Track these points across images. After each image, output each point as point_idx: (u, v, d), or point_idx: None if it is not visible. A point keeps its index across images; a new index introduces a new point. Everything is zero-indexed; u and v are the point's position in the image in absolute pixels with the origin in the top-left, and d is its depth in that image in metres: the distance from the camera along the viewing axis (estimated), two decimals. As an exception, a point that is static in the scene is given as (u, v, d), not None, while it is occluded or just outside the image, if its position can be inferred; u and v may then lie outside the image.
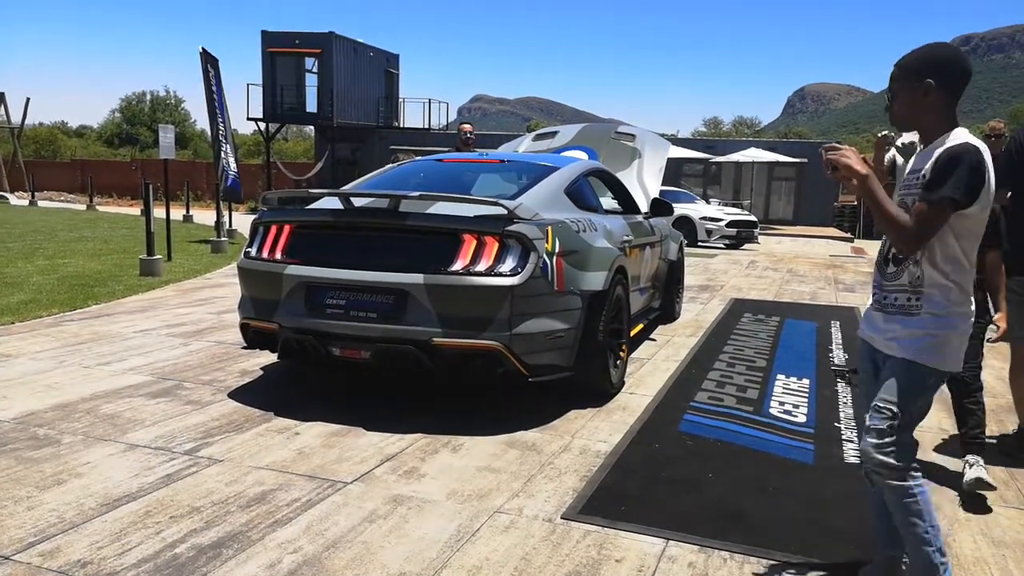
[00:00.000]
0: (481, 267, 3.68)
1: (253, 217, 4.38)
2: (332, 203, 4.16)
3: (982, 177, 2.04)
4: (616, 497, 3.02)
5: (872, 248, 18.12)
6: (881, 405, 2.14)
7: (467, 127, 7.72)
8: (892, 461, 2.11)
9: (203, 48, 13.19)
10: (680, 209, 15.92)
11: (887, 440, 2.12)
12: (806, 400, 4.51)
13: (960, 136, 2.09)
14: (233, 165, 13.93)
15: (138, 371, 4.72)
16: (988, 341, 3.53)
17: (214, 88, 13.36)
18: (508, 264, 3.70)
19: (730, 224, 17.27)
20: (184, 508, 2.81)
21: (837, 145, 2.15)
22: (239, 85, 14.56)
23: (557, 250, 3.89)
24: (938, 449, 3.75)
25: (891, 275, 2.21)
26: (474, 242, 3.72)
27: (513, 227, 3.72)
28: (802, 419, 4.13)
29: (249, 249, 4.22)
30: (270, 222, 4.18)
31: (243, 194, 15.52)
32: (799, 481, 3.27)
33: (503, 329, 3.68)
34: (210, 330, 6.03)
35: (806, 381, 4.96)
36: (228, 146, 13.82)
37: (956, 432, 3.53)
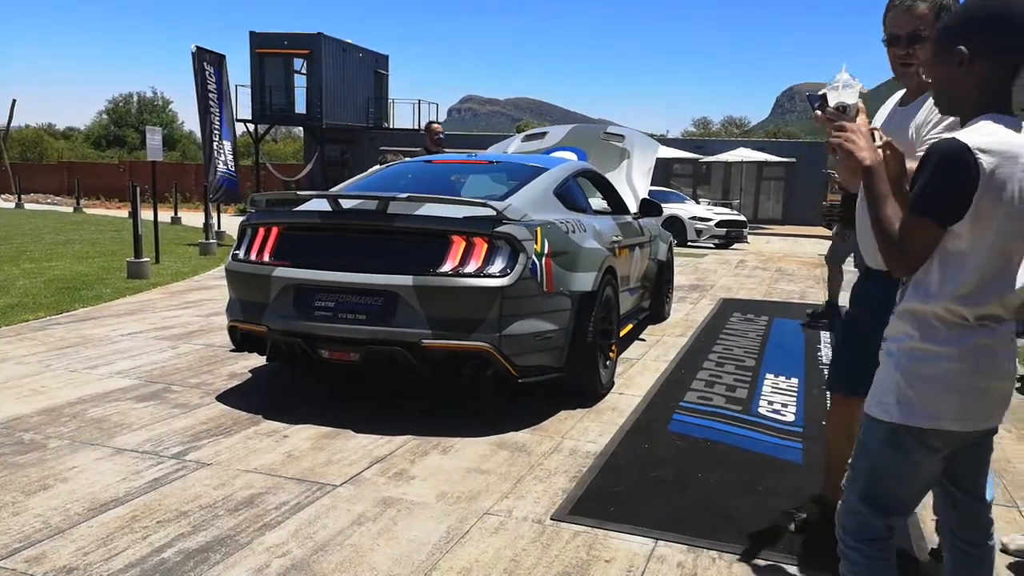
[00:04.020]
0: (470, 268, 3.68)
1: (241, 219, 4.36)
2: (320, 205, 4.14)
3: (949, 184, 1.56)
4: (606, 497, 3.03)
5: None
6: None
7: (437, 126, 8.16)
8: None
9: (198, 46, 13.13)
10: (669, 209, 15.96)
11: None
12: (795, 399, 4.53)
13: (966, 130, 1.62)
14: (231, 164, 13.84)
15: (125, 375, 4.69)
16: None
17: (211, 87, 13.28)
18: (497, 265, 3.69)
19: (719, 224, 17.33)
20: (172, 512, 2.79)
21: (845, 124, 1.77)
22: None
23: (546, 251, 3.89)
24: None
25: None
26: (463, 243, 3.72)
27: (502, 228, 3.72)
28: (791, 418, 4.14)
29: (237, 251, 4.20)
30: (258, 224, 4.17)
31: (240, 193, 15.41)
32: (788, 480, 3.28)
33: (492, 330, 3.68)
34: (198, 333, 6.00)
35: (795, 380, 4.98)
36: (227, 144, 13.72)
37: None
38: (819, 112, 2.00)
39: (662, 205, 6.40)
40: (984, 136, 1.57)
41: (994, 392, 1.69)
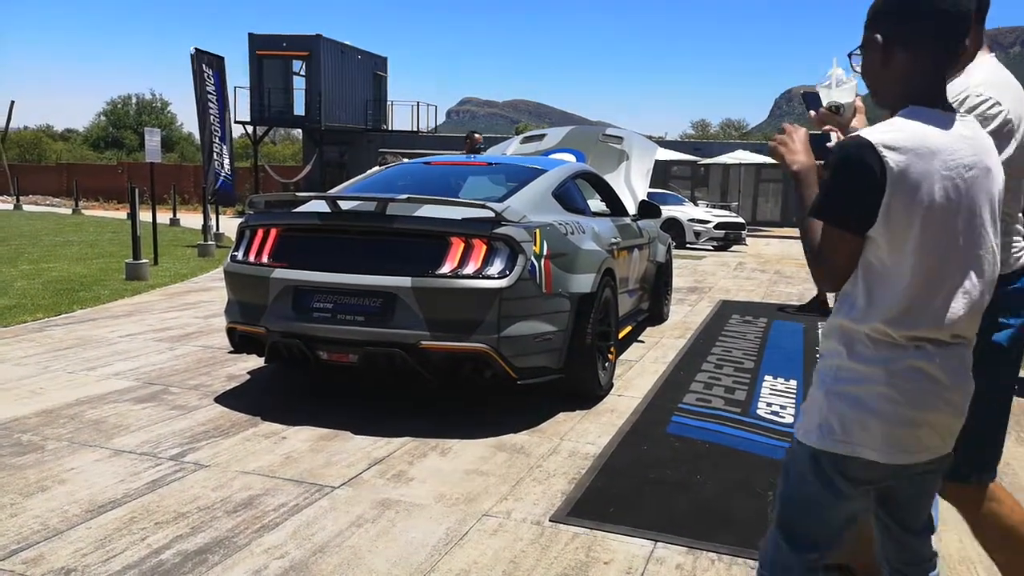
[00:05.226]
0: (469, 270, 3.68)
1: (240, 221, 4.36)
2: (319, 206, 4.14)
3: (851, 186, 1.43)
4: (604, 499, 3.02)
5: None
6: None
7: (478, 136, 8.84)
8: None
9: (197, 48, 13.16)
10: (668, 211, 15.97)
11: None
12: (793, 401, 4.53)
13: (876, 125, 1.48)
14: (227, 166, 13.87)
15: (123, 376, 4.68)
16: None
17: (210, 89, 13.30)
18: (496, 267, 3.69)
19: (718, 226, 17.33)
20: (170, 514, 2.79)
21: (788, 126, 1.65)
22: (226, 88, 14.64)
23: (545, 252, 3.89)
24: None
25: None
26: (462, 245, 3.72)
27: (501, 229, 3.72)
28: (789, 420, 4.14)
29: (235, 253, 4.20)
30: (257, 225, 4.16)
31: (235, 196, 15.46)
32: (787, 482, 3.28)
33: (491, 332, 3.67)
34: (197, 334, 6.00)
35: (793, 382, 4.98)
36: (225, 147, 13.75)
37: None
38: (813, 112, 1.89)
39: (660, 207, 6.41)
40: (894, 131, 1.42)
41: (928, 425, 1.48)
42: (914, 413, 1.46)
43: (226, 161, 13.83)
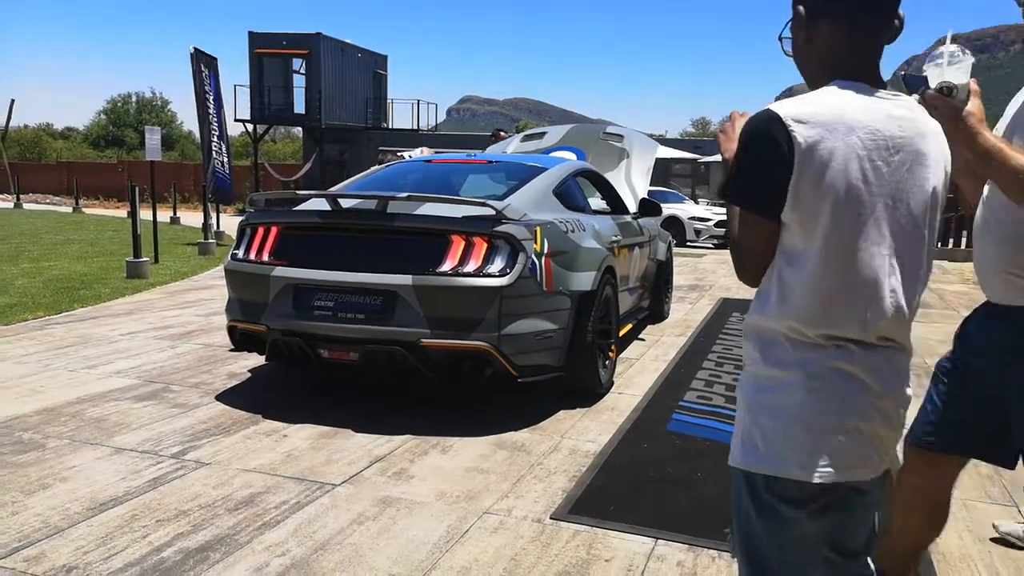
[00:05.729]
0: (470, 268, 3.68)
1: (240, 219, 4.36)
2: (320, 204, 4.14)
3: (756, 164, 1.30)
4: (605, 497, 3.03)
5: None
6: None
7: (503, 133, 9.26)
8: None
9: (195, 48, 13.18)
10: (668, 209, 15.96)
11: None
12: (794, 399, 4.53)
13: (786, 99, 1.33)
14: (226, 165, 13.93)
15: (124, 374, 4.68)
16: None
17: (207, 88, 13.34)
18: (497, 265, 3.69)
19: (718, 224, 17.32)
20: (171, 511, 2.79)
21: (735, 112, 1.53)
22: (226, 87, 14.75)
23: (546, 250, 3.89)
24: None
25: None
26: (463, 243, 3.72)
27: (501, 227, 3.72)
28: (790, 418, 4.14)
29: (236, 251, 4.20)
30: (257, 224, 4.16)
31: (233, 195, 15.51)
32: (787, 479, 3.28)
33: (492, 330, 3.68)
34: (197, 332, 6.00)
35: (794, 380, 4.98)
36: (224, 145, 13.81)
37: None
38: (917, 96, 1.63)
39: (661, 205, 6.40)
40: (805, 104, 1.28)
41: (859, 432, 1.31)
42: (839, 420, 1.30)
43: (224, 159, 13.88)
